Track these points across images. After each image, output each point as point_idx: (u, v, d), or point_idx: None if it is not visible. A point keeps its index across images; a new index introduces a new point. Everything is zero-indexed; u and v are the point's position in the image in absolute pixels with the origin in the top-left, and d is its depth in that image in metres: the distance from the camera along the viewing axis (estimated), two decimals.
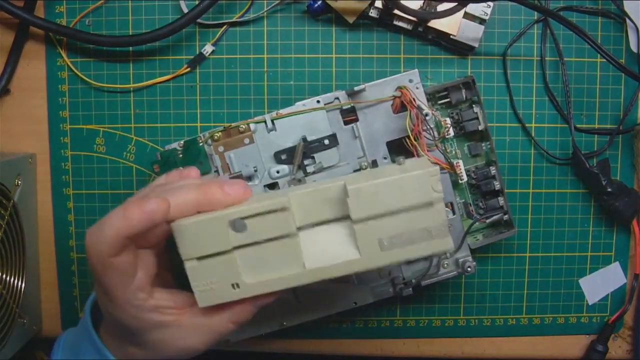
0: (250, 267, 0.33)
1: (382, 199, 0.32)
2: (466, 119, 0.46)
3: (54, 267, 0.51)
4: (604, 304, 0.51)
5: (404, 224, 0.33)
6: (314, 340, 0.51)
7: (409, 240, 0.33)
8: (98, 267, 0.32)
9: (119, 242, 0.31)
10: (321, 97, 0.43)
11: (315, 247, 0.34)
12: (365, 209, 0.32)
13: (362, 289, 0.45)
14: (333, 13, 0.48)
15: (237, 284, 0.33)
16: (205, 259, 0.33)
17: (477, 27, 0.46)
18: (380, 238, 0.33)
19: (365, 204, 0.32)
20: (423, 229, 0.33)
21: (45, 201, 0.51)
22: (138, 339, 0.35)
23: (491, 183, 0.46)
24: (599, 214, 0.50)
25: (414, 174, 0.32)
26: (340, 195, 0.33)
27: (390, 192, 0.32)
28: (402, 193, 0.32)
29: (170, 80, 0.49)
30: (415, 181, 0.32)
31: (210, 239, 0.33)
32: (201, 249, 0.33)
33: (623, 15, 0.48)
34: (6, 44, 0.49)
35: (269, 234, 0.33)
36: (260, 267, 0.33)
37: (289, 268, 0.33)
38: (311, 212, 0.34)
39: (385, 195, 0.32)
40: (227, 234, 0.33)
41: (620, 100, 0.49)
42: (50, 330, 0.51)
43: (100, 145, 0.50)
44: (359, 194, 0.32)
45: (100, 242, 0.31)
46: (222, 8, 0.48)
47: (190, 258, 0.33)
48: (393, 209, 0.32)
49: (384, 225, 0.33)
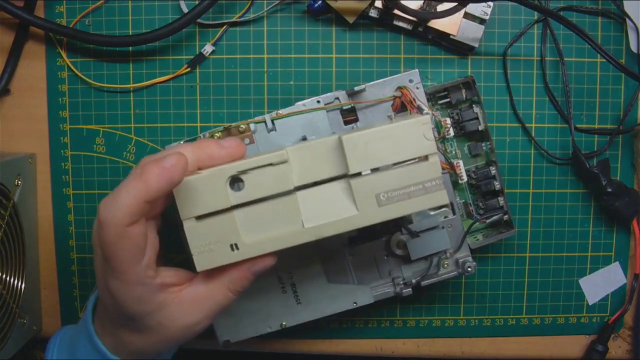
0: (249, 227, 0.33)
1: (377, 149, 0.33)
2: (466, 119, 0.46)
3: (54, 267, 0.51)
4: (604, 304, 0.51)
5: (399, 179, 0.33)
6: (314, 340, 0.51)
7: (406, 194, 0.33)
8: (112, 239, 0.31)
9: (138, 208, 0.31)
10: (321, 97, 0.43)
11: (314, 206, 0.34)
12: (361, 161, 0.33)
13: (362, 289, 0.45)
14: (333, 13, 0.48)
15: (236, 245, 0.33)
16: (204, 219, 0.33)
17: (477, 27, 0.46)
18: (377, 193, 0.33)
19: (361, 156, 0.33)
20: (418, 183, 0.33)
21: (45, 201, 0.51)
22: (138, 324, 0.34)
23: (491, 183, 0.46)
24: (599, 214, 0.50)
25: (405, 122, 0.33)
26: (337, 150, 0.34)
27: (385, 141, 0.33)
28: (394, 143, 0.33)
29: (170, 80, 0.49)
30: (407, 129, 0.33)
31: (209, 196, 0.33)
32: (200, 207, 0.33)
33: (623, 15, 0.48)
34: (6, 44, 0.49)
35: (267, 191, 0.33)
36: (258, 227, 0.34)
37: (287, 227, 0.34)
38: (309, 169, 0.34)
39: (379, 145, 0.33)
40: (226, 191, 0.33)
41: (620, 100, 0.49)
42: (50, 330, 0.51)
43: (100, 145, 0.50)
44: (354, 143, 0.33)
45: (118, 210, 0.30)
46: (222, 8, 0.48)
47: (189, 217, 0.33)
48: (388, 161, 0.33)
49: (380, 180, 0.33)
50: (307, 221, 0.34)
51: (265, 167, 0.33)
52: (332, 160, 0.34)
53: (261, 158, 0.33)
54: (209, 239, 0.33)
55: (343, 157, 0.33)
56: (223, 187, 0.33)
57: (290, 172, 0.33)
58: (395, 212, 0.34)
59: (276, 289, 0.44)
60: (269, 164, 0.33)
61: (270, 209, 0.33)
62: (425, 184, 0.33)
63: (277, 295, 0.44)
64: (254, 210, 0.33)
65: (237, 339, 0.45)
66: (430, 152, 0.33)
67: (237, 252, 0.33)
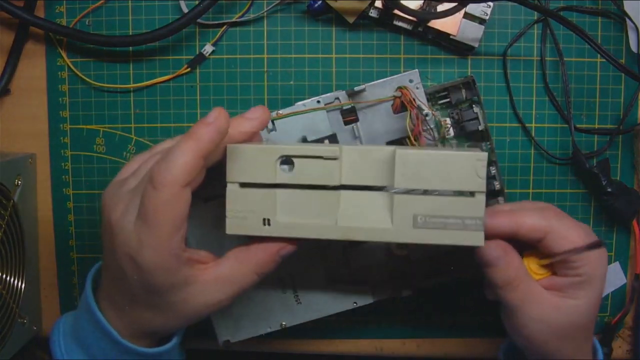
0: (286, 208, 0.34)
1: (426, 171, 0.33)
2: (466, 119, 0.46)
3: (54, 267, 0.51)
4: (604, 304, 0.51)
5: (441, 206, 0.33)
6: (314, 340, 0.51)
7: (443, 224, 0.33)
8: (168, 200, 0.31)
9: (195, 166, 0.31)
10: (321, 97, 0.43)
11: (352, 208, 0.35)
12: (409, 179, 0.33)
13: (362, 289, 0.45)
14: (333, 13, 0.48)
15: (268, 220, 0.34)
16: (247, 187, 0.34)
17: (477, 27, 0.46)
18: (415, 214, 0.33)
19: (410, 174, 0.33)
20: (459, 217, 0.33)
21: (45, 201, 0.51)
22: (160, 300, 0.34)
23: (491, 183, 0.46)
24: (599, 214, 0.50)
25: (462, 154, 0.33)
26: (388, 161, 0.34)
27: (436, 166, 0.33)
28: (446, 170, 0.33)
29: (170, 80, 0.49)
30: (462, 161, 0.33)
31: (258, 168, 0.34)
32: (247, 175, 0.34)
33: (623, 15, 0.48)
34: (6, 44, 0.49)
35: (313, 180, 0.34)
36: (295, 211, 0.34)
37: (322, 219, 0.34)
38: (357, 171, 0.34)
39: (430, 169, 0.33)
40: (276, 168, 0.34)
41: (620, 100, 0.49)
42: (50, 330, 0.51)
43: (100, 145, 0.50)
44: (406, 160, 0.33)
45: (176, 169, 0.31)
46: (222, 8, 0.48)
47: (233, 181, 0.34)
48: (435, 186, 0.33)
49: (422, 201, 0.33)
50: (342, 220, 0.34)
51: (317, 159, 0.34)
52: (382, 169, 0.34)
53: (315, 148, 0.34)
54: (246, 207, 0.34)
55: (392, 170, 0.33)
56: (274, 163, 0.34)
57: (339, 169, 0.34)
58: (428, 237, 0.33)
59: (276, 289, 0.44)
60: (319, 157, 0.34)
61: (310, 198, 0.34)
62: (465, 220, 0.33)
63: (277, 295, 0.44)
64: (295, 194, 0.34)
65: (237, 339, 0.45)
66: (479, 189, 0.33)
67: (268, 227, 0.34)
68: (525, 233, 0.36)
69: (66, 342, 0.38)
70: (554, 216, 0.36)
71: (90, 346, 0.37)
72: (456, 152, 0.34)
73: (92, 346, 0.37)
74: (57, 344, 0.38)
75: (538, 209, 0.37)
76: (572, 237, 0.35)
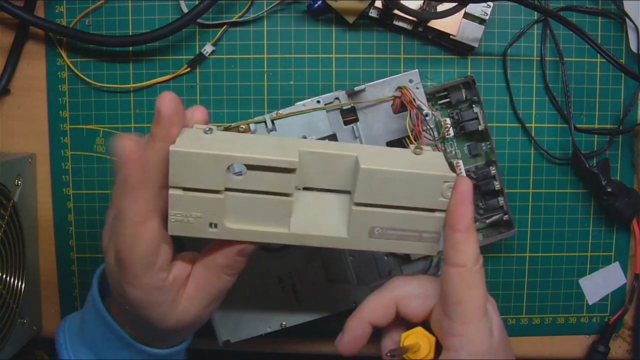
0: (234, 212, 0.32)
1: (389, 188, 0.31)
2: (466, 119, 0.46)
3: (54, 267, 0.51)
4: (604, 304, 0.51)
5: (401, 221, 0.32)
6: (314, 340, 0.51)
7: (399, 235, 0.32)
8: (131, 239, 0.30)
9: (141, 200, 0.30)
10: (321, 97, 0.43)
11: (306, 211, 0.33)
12: (371, 194, 0.32)
13: (362, 289, 0.45)
14: (333, 13, 0.48)
15: (215, 225, 0.32)
16: (191, 192, 0.31)
17: (477, 27, 0.46)
18: (373, 226, 0.32)
19: (372, 190, 0.31)
20: (417, 230, 0.32)
21: (45, 201, 0.51)
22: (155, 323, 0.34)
23: (491, 183, 0.46)
24: (599, 214, 0.50)
25: (430, 174, 0.31)
26: (351, 170, 0.32)
27: (401, 184, 0.31)
28: (411, 189, 0.31)
29: (170, 80, 0.49)
30: (429, 182, 0.31)
31: (204, 174, 0.31)
32: (192, 181, 0.31)
33: (623, 15, 0.48)
34: (6, 44, 0.49)
35: (266, 187, 0.32)
36: (244, 215, 0.32)
37: (273, 225, 0.32)
38: (315, 174, 0.33)
39: (394, 186, 0.31)
40: (224, 176, 0.31)
41: (620, 100, 0.49)
42: (50, 330, 0.51)
43: (100, 145, 0.50)
44: (370, 176, 0.31)
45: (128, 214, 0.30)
46: (222, 8, 0.48)
47: (176, 186, 0.31)
48: (397, 203, 0.32)
49: (381, 215, 0.32)
50: (295, 226, 0.32)
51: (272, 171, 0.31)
52: (343, 175, 0.33)
53: (271, 159, 0.31)
54: (191, 212, 0.31)
55: (354, 181, 0.32)
56: (222, 171, 0.31)
57: (296, 177, 0.32)
58: (383, 247, 0.33)
59: (276, 289, 0.44)
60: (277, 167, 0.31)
61: (261, 202, 0.32)
62: (422, 234, 0.32)
63: (277, 295, 0.44)
64: (244, 198, 0.32)
65: (237, 338, 0.45)
66: (441, 207, 0.32)
67: (215, 230, 0.32)
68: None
69: (73, 344, 0.38)
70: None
71: (100, 348, 0.37)
72: (423, 171, 0.31)
73: (102, 348, 0.37)
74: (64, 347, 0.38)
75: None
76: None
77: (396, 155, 0.34)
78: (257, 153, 0.31)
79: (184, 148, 0.30)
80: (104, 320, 0.36)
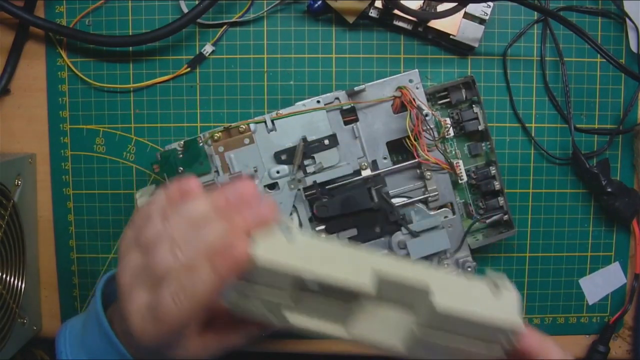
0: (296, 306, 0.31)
1: (458, 324, 0.30)
2: (466, 119, 0.46)
3: (54, 267, 0.51)
4: (604, 304, 0.51)
5: (458, 344, 0.31)
6: (314, 341, 0.51)
7: (451, 353, 0.32)
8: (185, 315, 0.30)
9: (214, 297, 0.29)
10: (321, 97, 0.43)
11: (366, 316, 0.32)
12: (437, 325, 0.31)
13: None
14: (333, 13, 0.48)
15: (274, 314, 0.32)
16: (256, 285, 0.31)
17: (477, 27, 0.46)
18: (433, 342, 0.31)
19: (440, 322, 0.30)
20: (470, 352, 0.31)
21: (45, 201, 0.51)
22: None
23: (491, 183, 0.46)
24: (599, 214, 0.50)
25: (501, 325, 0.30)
26: (422, 297, 0.30)
27: (471, 323, 0.30)
28: (479, 327, 0.30)
29: (170, 80, 0.49)
30: (498, 326, 0.30)
31: (279, 278, 0.30)
32: (258, 277, 0.30)
33: (623, 15, 0.48)
34: (6, 44, 0.49)
35: (333, 294, 0.31)
36: (304, 310, 0.32)
37: (332, 325, 0.32)
38: (382, 291, 0.31)
39: (461, 324, 0.30)
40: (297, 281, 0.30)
41: (620, 100, 0.49)
42: (50, 330, 0.51)
43: (100, 145, 0.50)
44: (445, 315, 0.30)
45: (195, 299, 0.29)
46: (222, 8, 0.48)
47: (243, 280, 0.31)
48: (461, 332, 0.31)
49: (442, 337, 0.31)
50: (352, 327, 0.32)
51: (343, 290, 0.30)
52: (413, 300, 0.31)
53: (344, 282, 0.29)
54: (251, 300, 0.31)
55: (424, 309, 0.30)
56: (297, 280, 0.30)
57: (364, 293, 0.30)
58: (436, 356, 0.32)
59: None
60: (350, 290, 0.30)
61: (326, 304, 0.31)
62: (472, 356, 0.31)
63: None
64: (308, 296, 0.31)
65: None
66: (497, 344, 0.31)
67: (271, 315, 0.31)
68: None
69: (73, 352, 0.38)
70: None
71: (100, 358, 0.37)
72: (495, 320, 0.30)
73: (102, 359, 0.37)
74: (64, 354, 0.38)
75: None
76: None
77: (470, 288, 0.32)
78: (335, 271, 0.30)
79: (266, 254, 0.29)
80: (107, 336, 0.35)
